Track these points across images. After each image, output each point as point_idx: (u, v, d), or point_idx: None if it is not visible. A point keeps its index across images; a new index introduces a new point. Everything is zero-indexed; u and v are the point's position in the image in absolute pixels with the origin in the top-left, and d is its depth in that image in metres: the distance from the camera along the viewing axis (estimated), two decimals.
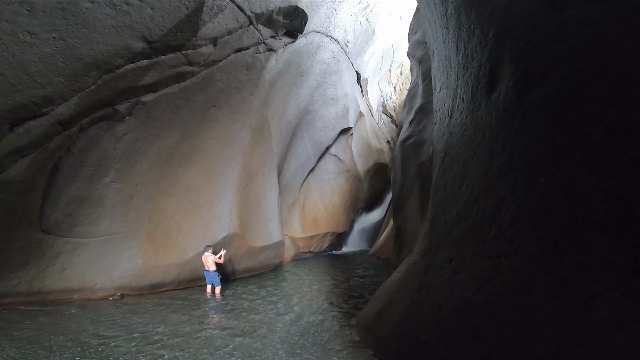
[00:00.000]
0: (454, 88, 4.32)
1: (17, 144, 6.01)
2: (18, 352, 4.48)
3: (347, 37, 14.63)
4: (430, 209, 4.75)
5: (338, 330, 6.07)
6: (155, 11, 6.78)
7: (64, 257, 7.33)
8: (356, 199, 19.75)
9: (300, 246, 16.26)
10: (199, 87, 8.67)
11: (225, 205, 10.45)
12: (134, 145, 7.85)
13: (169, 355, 4.72)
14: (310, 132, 15.96)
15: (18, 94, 5.79)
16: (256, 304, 7.81)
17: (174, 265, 9.06)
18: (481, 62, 3.49)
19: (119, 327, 5.74)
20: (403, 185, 10.41)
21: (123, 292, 8.21)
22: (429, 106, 9.48)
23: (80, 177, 7.15)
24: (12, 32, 5.46)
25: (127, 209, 8.08)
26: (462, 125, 3.97)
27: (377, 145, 21.04)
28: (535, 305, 2.78)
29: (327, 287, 9.83)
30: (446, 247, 3.90)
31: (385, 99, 23.33)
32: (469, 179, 3.63)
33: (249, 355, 4.86)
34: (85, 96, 6.64)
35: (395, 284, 5.45)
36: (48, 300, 7.21)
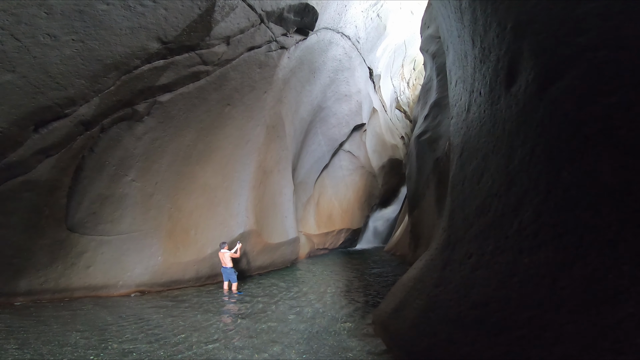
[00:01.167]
0: (470, 82, 4.26)
1: (42, 145, 6.20)
2: (45, 349, 4.59)
3: (359, 33, 14.56)
4: (448, 204, 4.70)
5: (354, 326, 6.09)
6: (169, 12, 6.90)
7: (89, 254, 7.54)
8: (371, 195, 19.68)
9: (315, 243, 16.33)
10: (214, 86, 8.79)
11: (242, 203, 10.59)
12: (153, 144, 8.03)
13: (189, 352, 4.83)
14: (323, 128, 15.98)
15: (41, 95, 5.97)
16: (272, 300, 7.91)
17: (193, 262, 9.24)
18: (499, 55, 3.44)
19: (141, 323, 5.86)
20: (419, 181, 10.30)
21: (144, 289, 8.40)
22: (444, 101, 9.35)
23: (103, 176, 7.35)
24: (33, 34, 5.59)
25: (147, 207, 8.28)
26: (481, 119, 3.90)
27: (391, 141, 20.88)
28: (558, 302, 2.74)
29: (343, 283, 9.86)
30: (465, 243, 3.86)
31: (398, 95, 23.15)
32: (489, 173, 3.57)
33: (265, 351, 4.92)
34: (105, 97, 6.81)
35: (412, 280, 5.43)
36: (74, 297, 7.41)
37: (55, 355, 4.38)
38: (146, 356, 4.40)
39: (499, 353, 3.19)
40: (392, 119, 22.41)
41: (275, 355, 4.77)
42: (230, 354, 4.66)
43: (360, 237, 20.43)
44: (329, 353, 4.89)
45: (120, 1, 6.21)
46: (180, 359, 4.38)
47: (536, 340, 2.87)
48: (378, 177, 19.79)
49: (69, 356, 4.35)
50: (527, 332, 2.97)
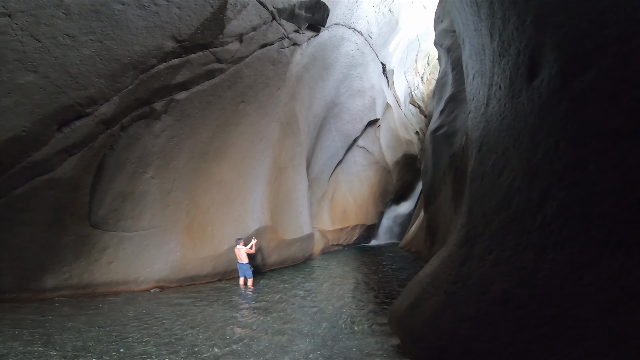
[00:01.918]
0: (489, 76, 4.18)
1: (65, 144, 6.38)
2: (70, 344, 4.71)
3: (371, 28, 14.46)
4: (466, 199, 4.63)
5: (369, 322, 6.09)
6: (182, 10, 6.99)
7: (111, 250, 7.71)
8: (385, 190, 19.57)
9: (329, 239, 16.35)
10: (228, 83, 8.87)
11: (257, 199, 10.69)
12: (171, 142, 8.17)
13: (205, 344, 4.92)
14: (337, 124, 15.95)
15: (63, 95, 6.13)
16: (287, 296, 7.97)
17: (210, 258, 9.38)
18: (519, 49, 3.38)
19: (162, 320, 5.96)
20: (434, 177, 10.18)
21: (163, 284, 8.56)
22: (461, 95, 9.20)
23: (124, 173, 7.52)
24: (53, 35, 5.73)
25: (166, 203, 8.44)
26: (501, 113, 3.83)
27: (406, 137, 20.67)
28: (584, 299, 2.68)
29: (357, 279, 9.85)
30: (485, 239, 3.80)
31: (412, 90, 22.91)
32: (510, 167, 3.50)
33: (279, 346, 4.96)
34: (124, 96, 6.95)
35: (428, 277, 5.39)
36: (96, 292, 7.58)
37: (79, 350, 4.49)
38: (167, 357, 4.48)
39: (520, 350, 3.16)
40: (407, 114, 22.19)
41: (289, 351, 4.79)
42: (248, 353, 4.70)
43: (375, 233, 20.36)
44: (343, 350, 4.90)
45: (135, 1, 6.32)
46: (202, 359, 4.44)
47: (560, 337, 2.84)
48: (392, 173, 19.65)
49: (92, 351, 4.45)
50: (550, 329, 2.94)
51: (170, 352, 4.59)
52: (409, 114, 22.64)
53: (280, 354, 4.67)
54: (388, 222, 21.34)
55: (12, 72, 5.52)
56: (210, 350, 4.65)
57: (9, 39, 5.35)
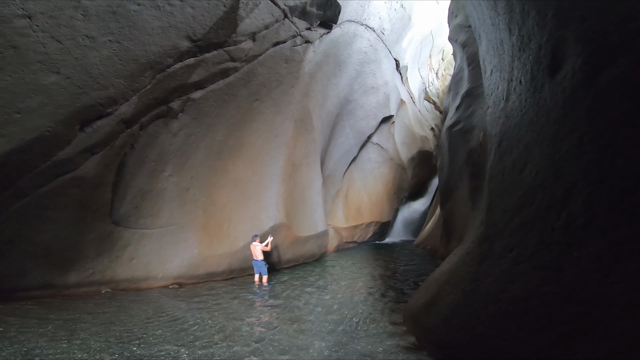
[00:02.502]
0: (508, 71, 4.11)
1: (88, 143, 6.54)
2: (92, 339, 4.82)
3: (383, 24, 14.38)
4: (485, 196, 4.56)
5: (383, 320, 6.07)
6: (196, 10, 7.07)
7: (132, 247, 7.89)
8: (400, 187, 19.43)
9: (343, 236, 16.36)
10: (243, 82, 8.95)
11: (272, 196, 10.77)
12: (188, 140, 8.30)
13: (224, 342, 5.00)
14: (351, 121, 15.92)
15: (85, 95, 6.28)
16: (301, 293, 8.01)
17: (226, 255, 9.50)
18: (541, 43, 3.32)
19: (181, 318, 6.04)
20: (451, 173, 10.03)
21: (181, 281, 8.71)
22: (477, 91, 9.05)
23: (143, 172, 7.68)
24: (72, 36, 5.86)
25: (183, 201, 8.58)
26: (522, 108, 3.75)
27: (421, 133, 20.47)
28: (609, 297, 2.63)
29: (372, 277, 9.83)
30: (505, 236, 3.73)
31: (427, 86, 22.70)
32: (532, 163, 3.42)
33: (294, 344, 4.98)
34: (143, 95, 7.09)
35: (445, 275, 5.34)
36: (118, 288, 7.76)
37: (101, 346, 4.59)
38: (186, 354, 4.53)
39: (540, 349, 3.14)
40: (421, 111, 21.98)
41: (304, 348, 4.81)
42: (266, 352, 4.73)
43: (389, 230, 20.25)
44: (358, 348, 4.91)
45: (149, 1, 6.42)
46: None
47: (583, 336, 2.80)
48: (407, 170, 19.49)
49: (114, 348, 4.55)
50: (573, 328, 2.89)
51: (189, 350, 4.65)
52: (424, 110, 22.41)
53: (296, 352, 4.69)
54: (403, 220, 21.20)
55: (36, 73, 5.67)
56: (230, 350, 4.68)
57: (31, 40, 5.50)
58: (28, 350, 4.28)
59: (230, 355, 4.50)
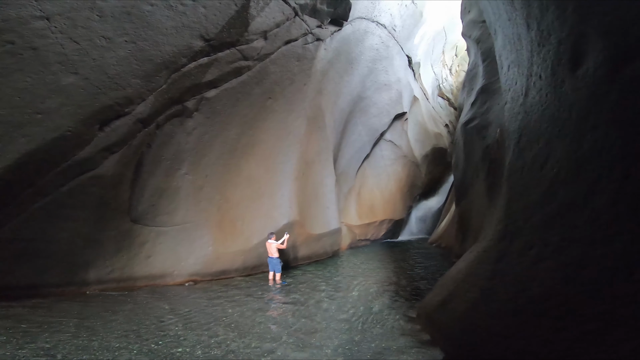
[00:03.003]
0: (527, 66, 4.04)
1: (107, 142, 6.68)
2: (112, 336, 4.91)
3: (394, 21, 14.32)
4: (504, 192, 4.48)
5: (397, 318, 6.05)
6: (208, 10, 7.15)
7: (149, 244, 8.02)
8: (414, 185, 19.26)
9: (356, 234, 16.32)
10: (255, 80, 9.00)
11: (285, 194, 10.82)
12: (202, 139, 8.40)
13: (239, 340, 5.05)
14: (364, 118, 15.87)
15: (103, 95, 6.40)
16: (315, 291, 8.04)
17: (240, 252, 9.59)
18: (560, 38, 3.26)
19: (198, 316, 6.11)
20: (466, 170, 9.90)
21: (196, 278, 8.82)
22: (493, 86, 8.93)
23: (160, 170, 7.80)
24: (89, 37, 5.96)
25: (198, 198, 8.69)
26: (542, 104, 3.68)
27: (435, 130, 20.24)
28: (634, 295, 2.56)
29: (385, 275, 9.79)
30: (525, 233, 3.66)
31: (440, 82, 22.49)
32: (553, 159, 3.34)
33: (308, 341, 4.99)
34: (158, 95, 7.20)
35: (461, 273, 5.28)
36: (136, 286, 7.88)
37: (120, 342, 4.69)
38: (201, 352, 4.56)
39: (561, 348, 3.09)
40: (435, 107, 21.76)
41: (318, 346, 4.81)
42: (281, 350, 4.74)
43: (403, 228, 20.12)
44: (372, 345, 4.90)
45: (162, 1, 6.50)
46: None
47: (605, 335, 2.75)
48: (421, 167, 19.31)
49: (132, 345, 4.64)
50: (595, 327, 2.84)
51: (205, 347, 4.69)
52: (438, 107, 22.19)
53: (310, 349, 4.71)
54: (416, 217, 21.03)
55: (55, 74, 5.80)
56: (245, 347, 4.70)
57: (50, 41, 5.61)
58: (50, 348, 4.38)
59: (246, 353, 4.52)
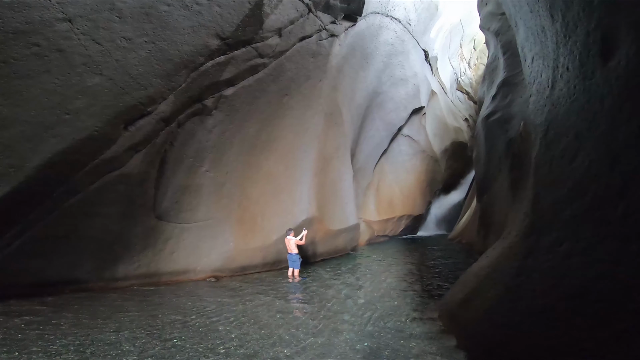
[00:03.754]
0: (553, 57, 3.95)
1: (132, 141, 6.87)
2: (138, 331, 5.04)
3: (409, 15, 14.20)
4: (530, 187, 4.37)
5: (417, 315, 5.98)
6: (223, 9, 7.23)
7: (173, 241, 8.20)
8: (433, 180, 19.03)
9: (375, 230, 16.27)
10: (272, 77, 9.07)
11: (304, 190, 10.87)
12: (222, 136, 8.53)
13: (257, 333, 5.12)
14: (381, 114, 15.78)
15: (127, 96, 6.57)
16: (333, 287, 8.04)
17: (260, 248, 9.71)
18: (588, 30, 3.18)
19: (218, 310, 6.22)
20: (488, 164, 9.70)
21: (218, 274, 8.96)
22: (515, 79, 8.74)
23: (182, 168, 7.96)
24: (111, 38, 6.11)
25: (219, 195, 8.83)
26: (570, 95, 3.58)
27: (454, 124, 19.90)
28: None
29: (404, 271, 9.71)
30: (554, 229, 3.56)
31: (459, 76, 22.13)
32: (584, 152, 3.23)
33: (327, 338, 4.99)
34: (179, 94, 7.34)
35: (485, 269, 5.19)
36: (160, 282, 8.07)
37: (145, 337, 4.80)
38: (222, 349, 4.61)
39: (592, 347, 3.01)
40: (454, 101, 21.41)
41: (336, 343, 4.80)
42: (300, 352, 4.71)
43: (422, 223, 19.94)
44: (391, 341, 4.88)
45: (178, 1, 6.61)
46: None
47: None
48: (440, 162, 19.04)
49: (156, 340, 4.75)
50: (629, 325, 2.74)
51: (226, 343, 4.75)
52: (457, 101, 21.82)
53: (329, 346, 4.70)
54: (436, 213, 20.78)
55: (81, 75, 5.98)
56: (264, 345, 4.72)
57: (74, 43, 5.78)
58: (81, 343, 4.55)
59: (265, 350, 4.55)
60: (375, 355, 4.43)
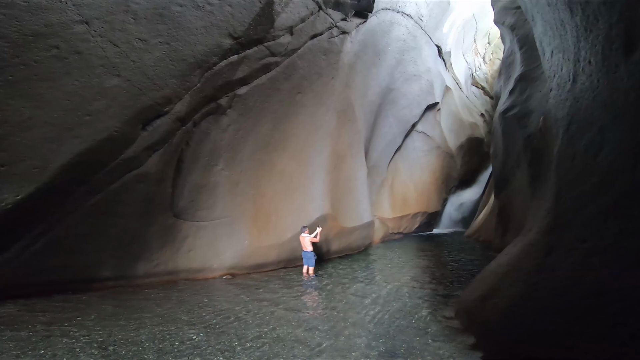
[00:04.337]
0: (573, 51, 3.88)
1: (149, 141, 6.99)
2: (157, 329, 5.13)
3: (420, 10, 14.10)
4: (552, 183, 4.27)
5: (433, 313, 5.93)
6: (234, 8, 7.30)
7: (190, 239, 8.32)
8: (448, 176, 18.79)
9: (389, 227, 16.16)
10: (284, 76, 9.10)
11: (317, 187, 10.89)
12: (236, 135, 8.61)
13: (272, 330, 5.16)
14: (394, 110, 15.66)
15: (144, 96, 6.68)
16: (348, 284, 8.03)
17: (274, 246, 9.76)
18: (610, 23, 3.14)
19: (233, 306, 6.33)
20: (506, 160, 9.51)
21: (233, 271, 9.05)
22: (533, 74, 8.57)
23: (198, 167, 8.08)
24: (127, 40, 6.21)
25: (234, 194, 8.92)
26: (593, 89, 3.50)
27: (470, 119, 19.58)
28: None
29: (419, 269, 9.63)
30: (577, 225, 3.49)
31: (474, 71, 21.84)
32: (608, 147, 3.15)
33: (342, 335, 4.99)
34: (194, 94, 7.43)
35: (504, 267, 5.11)
36: (178, 279, 8.19)
37: (164, 334, 4.91)
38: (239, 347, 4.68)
39: (616, 345, 2.99)
40: (469, 97, 21.09)
41: (351, 340, 4.79)
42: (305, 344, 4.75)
43: (438, 221, 19.72)
44: (406, 339, 4.85)
45: (190, 1, 6.68)
46: None
47: None
48: (456, 158, 18.78)
49: (175, 337, 4.84)
50: None
51: (242, 339, 4.81)
52: (472, 96, 21.50)
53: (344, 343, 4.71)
54: (452, 210, 20.50)
55: (100, 76, 6.10)
56: (279, 342, 4.75)
57: (92, 45, 5.88)
58: (103, 340, 4.67)
59: (280, 347, 4.58)
60: (391, 354, 4.41)
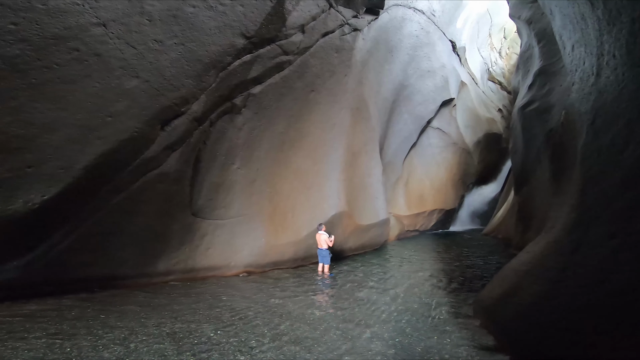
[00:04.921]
0: (596, 45, 3.80)
1: (168, 141, 7.11)
2: (177, 326, 5.21)
3: (432, 6, 13.96)
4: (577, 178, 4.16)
5: (451, 312, 5.87)
6: (246, 8, 7.36)
7: (208, 237, 8.44)
8: (466, 173, 18.49)
9: (405, 224, 16.04)
10: (297, 74, 9.14)
11: (333, 185, 10.90)
12: (252, 134, 8.69)
13: (289, 328, 5.22)
14: (409, 107, 15.55)
15: (162, 97, 6.80)
16: (363, 283, 8.03)
17: (290, 244, 9.84)
18: (634, 17, 3.08)
19: (250, 303, 6.41)
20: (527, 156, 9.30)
21: (250, 269, 9.16)
22: (553, 68, 8.37)
23: (215, 165, 8.18)
24: (144, 41, 6.30)
25: (250, 192, 9.01)
26: (619, 83, 3.41)
27: (487, 115, 19.20)
28: None
29: (436, 267, 9.54)
30: (604, 222, 3.39)
31: (490, 66, 21.47)
32: (636, 141, 3.06)
33: (358, 333, 4.98)
34: (209, 94, 7.53)
35: (525, 265, 5.01)
36: (197, 277, 8.31)
37: (183, 332, 4.99)
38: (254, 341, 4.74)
39: None
40: (486, 92, 20.69)
41: (367, 339, 4.79)
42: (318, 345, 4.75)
43: (455, 218, 19.46)
44: (423, 338, 4.83)
45: (202, 2, 6.76)
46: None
47: None
48: (473, 154, 18.45)
49: (194, 334, 4.93)
50: None
51: (257, 337, 4.87)
52: (489, 91, 21.09)
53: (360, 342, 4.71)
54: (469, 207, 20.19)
55: (119, 78, 6.22)
56: (295, 341, 4.76)
57: (110, 47, 5.98)
58: (125, 337, 4.76)
59: (299, 347, 4.60)
60: (408, 352, 4.39)
